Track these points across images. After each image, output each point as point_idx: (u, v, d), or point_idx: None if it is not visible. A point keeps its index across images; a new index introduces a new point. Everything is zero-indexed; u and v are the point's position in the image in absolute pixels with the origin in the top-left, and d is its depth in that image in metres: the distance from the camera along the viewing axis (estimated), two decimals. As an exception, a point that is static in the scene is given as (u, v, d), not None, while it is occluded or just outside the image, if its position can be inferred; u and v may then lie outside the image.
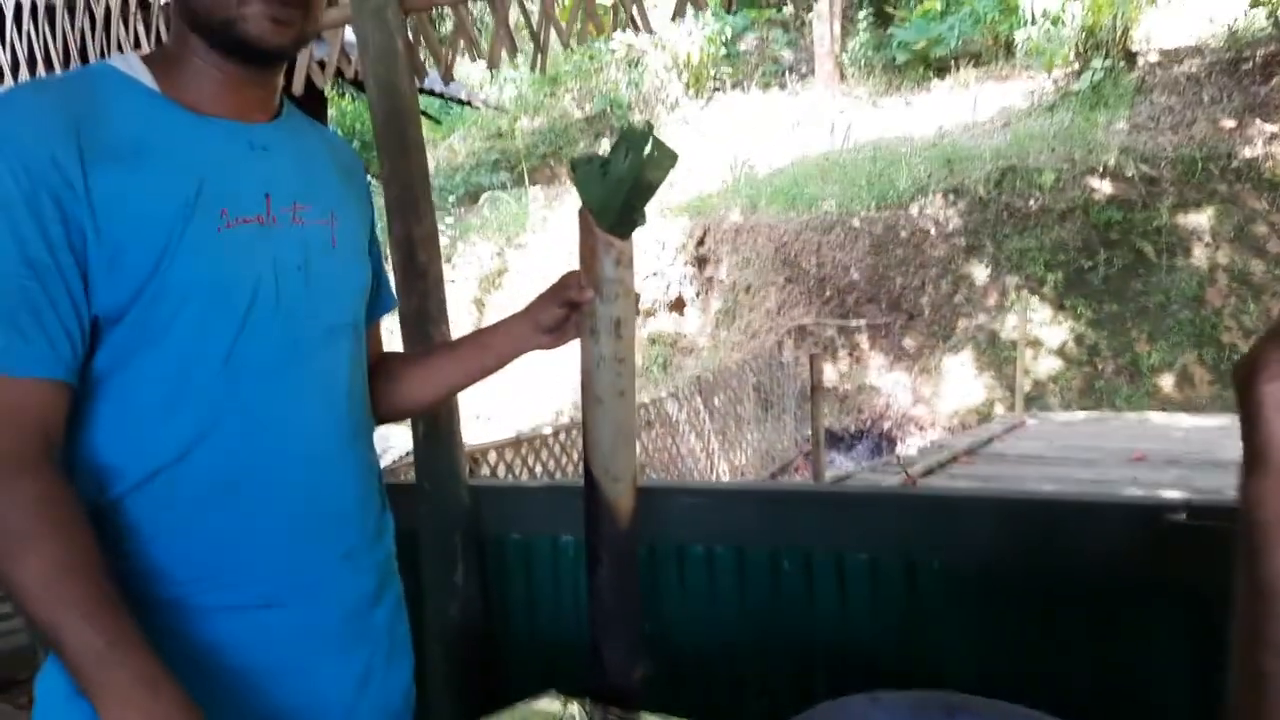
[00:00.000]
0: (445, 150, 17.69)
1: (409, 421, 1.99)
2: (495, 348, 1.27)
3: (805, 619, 1.72)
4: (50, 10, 2.65)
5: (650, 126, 1.10)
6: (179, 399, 1.00)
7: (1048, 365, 10.41)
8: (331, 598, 1.11)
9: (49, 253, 0.93)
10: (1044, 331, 10.47)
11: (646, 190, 1.10)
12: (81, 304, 0.96)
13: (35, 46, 2.72)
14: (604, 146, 16.85)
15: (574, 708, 1.15)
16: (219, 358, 1.00)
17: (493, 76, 16.49)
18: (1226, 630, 0.67)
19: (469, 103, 6.73)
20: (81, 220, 0.94)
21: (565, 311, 1.20)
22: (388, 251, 1.85)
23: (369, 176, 1.35)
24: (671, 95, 16.64)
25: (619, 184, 1.09)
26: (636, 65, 16.86)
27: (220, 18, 1.01)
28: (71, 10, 2.60)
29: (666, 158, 1.09)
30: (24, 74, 2.77)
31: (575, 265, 1.19)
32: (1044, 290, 10.61)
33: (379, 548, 1.19)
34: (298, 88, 2.20)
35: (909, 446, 9.56)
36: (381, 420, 1.27)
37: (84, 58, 2.66)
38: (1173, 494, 2.49)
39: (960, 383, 10.64)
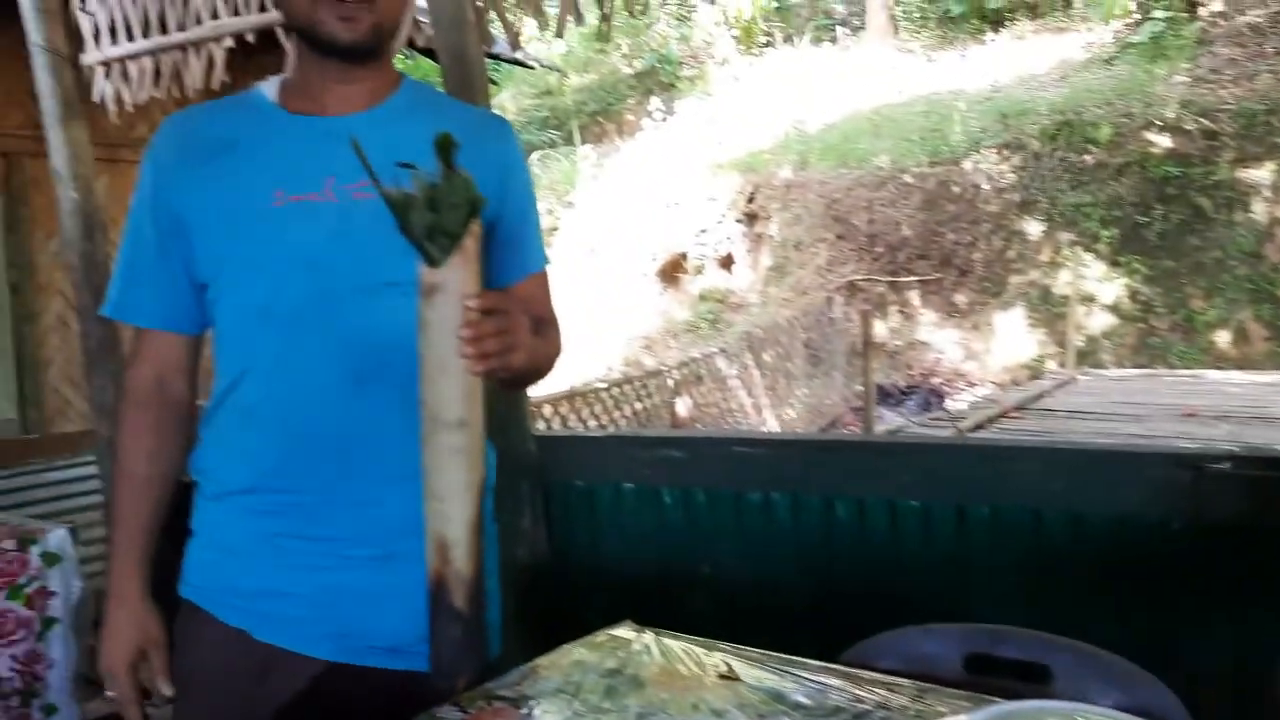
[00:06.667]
0: (496, 109, 17.71)
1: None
2: None
3: (859, 563, 1.81)
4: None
5: (451, 144, 1.00)
6: (232, 341, 1.26)
7: (1101, 322, 10.29)
8: (349, 517, 1.23)
9: (158, 237, 1.26)
10: (1097, 288, 10.35)
11: (422, 217, 0.99)
12: (180, 275, 1.26)
13: (115, 16, 2.84)
14: (653, 104, 16.68)
15: (648, 636, 1.25)
16: (255, 309, 1.23)
17: (542, 33, 16.46)
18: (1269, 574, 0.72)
19: (524, 63, 6.78)
20: (180, 211, 1.24)
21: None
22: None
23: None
24: (721, 51, 16.50)
25: (402, 199, 1.00)
26: (686, 20, 16.74)
27: (305, 24, 1.21)
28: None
29: (458, 190, 0.99)
30: (105, 40, 2.89)
31: (622, 226, 1.17)
32: (1098, 246, 10.46)
33: (409, 485, 1.20)
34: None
35: (959, 403, 9.56)
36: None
37: (163, 26, 2.78)
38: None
39: (1011, 339, 10.58)
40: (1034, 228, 10.86)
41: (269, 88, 1.29)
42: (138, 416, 1.30)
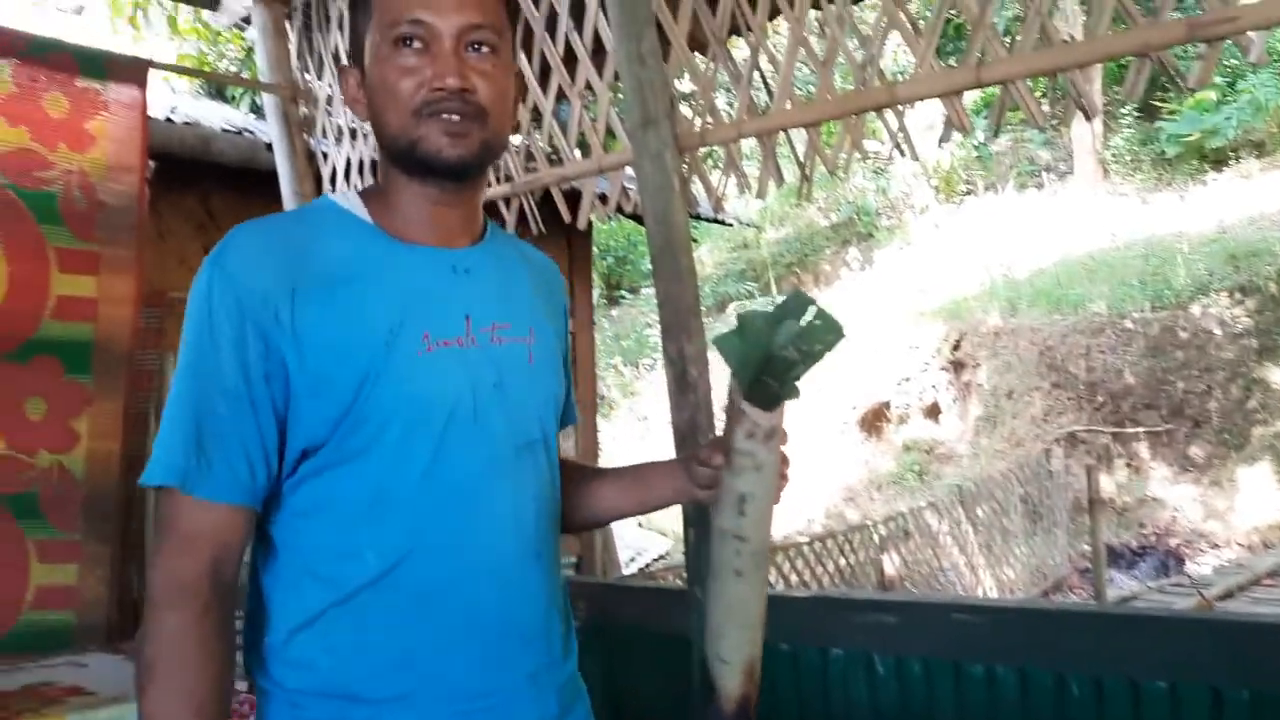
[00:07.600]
0: (696, 263, 18.25)
1: (680, 527, 2.06)
2: (658, 488, 1.24)
3: (1097, 749, 1.63)
4: (374, 165, 3.05)
5: (809, 299, 1.01)
6: (381, 516, 1.02)
7: (1368, 478, 9.23)
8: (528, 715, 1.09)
9: (245, 384, 0.99)
10: (1360, 440, 9.34)
11: (791, 363, 0.99)
12: (270, 433, 1.00)
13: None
14: (850, 254, 16.73)
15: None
16: (417, 476, 1.02)
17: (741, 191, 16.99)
18: None
19: (724, 221, 6.99)
20: (284, 352, 0.99)
21: (714, 472, 1.10)
22: (661, 367, 1.97)
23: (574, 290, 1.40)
24: (921, 200, 16.48)
25: (755, 351, 0.99)
26: (883, 173, 16.89)
27: (405, 141, 1.05)
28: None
29: (826, 332, 0.99)
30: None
31: (821, 374, 1.19)
32: (1358, 394, 9.50)
33: (563, 669, 1.16)
34: (581, 223, 2.42)
35: (1201, 566, 8.69)
36: None
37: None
38: None
39: (1259, 496, 9.60)
40: (1278, 375, 9.99)
41: (349, 205, 1.10)
42: (200, 618, 0.97)
